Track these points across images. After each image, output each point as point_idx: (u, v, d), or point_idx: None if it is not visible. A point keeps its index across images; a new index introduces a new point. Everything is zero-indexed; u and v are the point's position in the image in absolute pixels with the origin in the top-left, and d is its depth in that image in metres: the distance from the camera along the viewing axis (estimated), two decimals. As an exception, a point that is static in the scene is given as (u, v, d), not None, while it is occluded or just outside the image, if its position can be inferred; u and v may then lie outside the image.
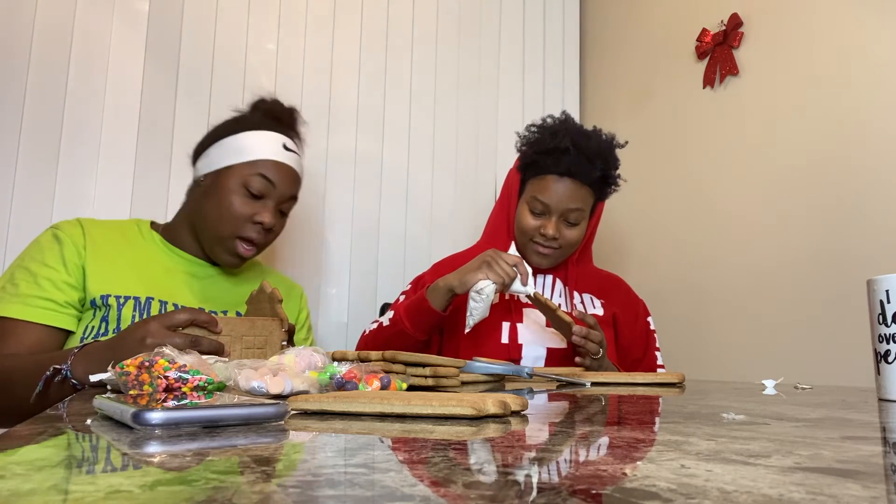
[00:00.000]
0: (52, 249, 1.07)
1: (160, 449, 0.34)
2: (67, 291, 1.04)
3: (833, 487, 0.25)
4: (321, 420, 0.45)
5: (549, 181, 1.33)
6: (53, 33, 1.50)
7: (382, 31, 1.91)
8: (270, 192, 1.18)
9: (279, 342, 0.91)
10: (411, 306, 1.25)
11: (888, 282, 0.70)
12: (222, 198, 1.16)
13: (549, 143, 1.32)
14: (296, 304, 1.36)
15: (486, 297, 1.18)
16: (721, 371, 1.68)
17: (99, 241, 1.12)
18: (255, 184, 1.16)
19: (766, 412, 0.54)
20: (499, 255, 1.21)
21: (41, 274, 1.04)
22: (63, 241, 1.08)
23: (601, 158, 1.33)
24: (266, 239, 1.20)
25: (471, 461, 0.31)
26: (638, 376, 0.94)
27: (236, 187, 1.16)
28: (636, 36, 2.08)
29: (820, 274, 1.49)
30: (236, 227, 1.16)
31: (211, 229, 1.17)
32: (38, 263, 1.05)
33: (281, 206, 1.21)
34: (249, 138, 1.19)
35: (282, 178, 1.19)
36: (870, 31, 1.44)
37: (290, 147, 1.23)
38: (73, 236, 1.09)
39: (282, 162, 1.20)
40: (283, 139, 1.23)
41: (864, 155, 1.43)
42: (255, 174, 1.16)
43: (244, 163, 1.17)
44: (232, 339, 0.87)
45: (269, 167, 1.18)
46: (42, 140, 1.47)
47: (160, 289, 1.13)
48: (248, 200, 1.16)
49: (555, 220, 1.34)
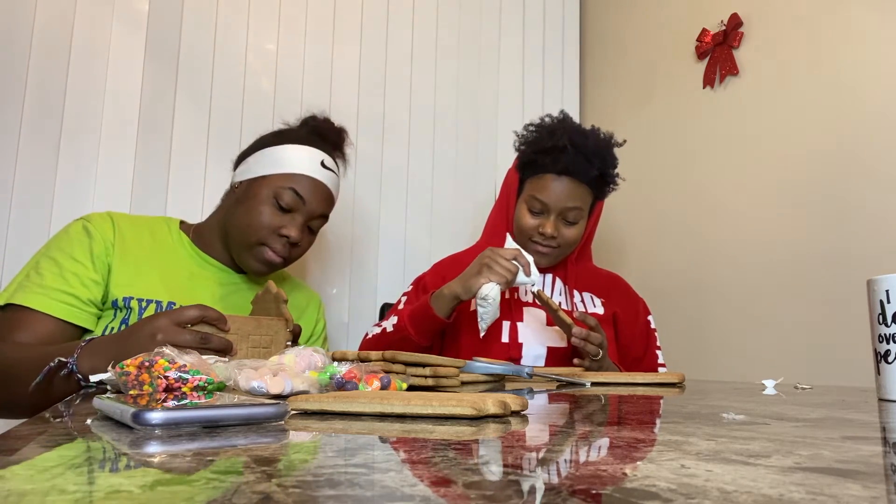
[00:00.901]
0: (83, 243, 1.05)
1: (160, 449, 0.34)
2: (92, 289, 1.03)
3: (833, 487, 0.25)
4: (321, 420, 0.45)
5: (548, 180, 1.33)
6: (53, 33, 1.50)
7: (382, 31, 1.91)
8: (300, 207, 1.17)
9: (284, 342, 0.92)
10: (415, 313, 1.25)
11: (888, 282, 0.70)
12: (252, 206, 1.16)
13: (547, 142, 1.32)
14: (313, 315, 1.35)
15: (493, 301, 1.18)
16: (721, 371, 1.68)
17: (128, 239, 1.11)
18: (285, 197, 1.16)
19: (766, 412, 0.54)
20: (496, 254, 1.21)
21: (68, 267, 1.02)
22: (93, 236, 1.06)
23: (599, 157, 1.33)
24: (291, 253, 1.20)
25: (471, 461, 0.31)
26: (638, 376, 0.94)
27: (267, 198, 1.16)
28: (636, 36, 2.07)
29: (820, 274, 1.49)
30: (262, 237, 1.15)
31: (238, 236, 1.17)
32: (66, 256, 1.03)
33: (310, 223, 1.21)
34: (287, 151, 1.19)
35: (313, 195, 1.18)
36: (870, 31, 1.44)
37: (328, 165, 1.22)
38: (104, 231, 1.08)
39: (316, 179, 1.19)
40: (323, 156, 1.22)
41: (864, 154, 1.43)
42: (287, 187, 1.16)
43: (278, 175, 1.17)
44: (239, 337, 0.87)
45: (302, 182, 1.17)
46: (42, 140, 1.47)
47: (183, 294, 1.12)
48: (277, 212, 1.16)
49: (553, 219, 1.34)
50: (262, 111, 1.72)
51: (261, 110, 1.72)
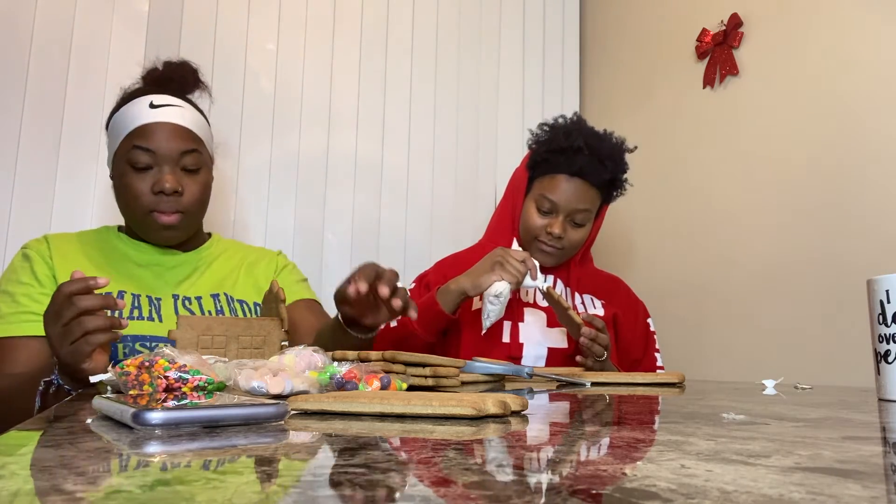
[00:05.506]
0: (24, 268, 1.09)
1: (160, 449, 0.34)
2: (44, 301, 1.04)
3: (833, 487, 0.25)
4: (321, 420, 0.45)
5: (560, 180, 1.33)
6: (53, 33, 1.50)
7: (382, 31, 1.91)
8: (154, 158, 1.09)
9: (278, 342, 0.91)
10: (421, 309, 1.24)
11: (888, 282, 0.70)
12: (120, 185, 1.11)
13: (563, 142, 1.33)
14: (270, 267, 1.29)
15: (503, 300, 1.19)
16: (721, 371, 1.68)
17: (64, 249, 1.13)
18: (135, 157, 1.08)
19: (766, 412, 0.54)
20: (508, 254, 1.21)
21: (18, 292, 1.06)
22: (32, 258, 1.10)
23: (612, 161, 1.34)
24: (182, 204, 1.11)
25: (471, 461, 0.31)
26: (638, 376, 0.94)
27: (126, 170, 1.10)
28: (636, 36, 2.07)
29: (820, 274, 1.49)
30: (142, 206, 1.10)
31: (130, 220, 1.14)
32: (14, 283, 1.07)
33: (180, 165, 1.11)
34: (118, 117, 1.12)
35: (158, 139, 1.09)
36: (870, 31, 1.44)
37: (159, 102, 1.11)
38: (40, 251, 1.11)
39: (150, 123, 1.09)
40: (150, 98, 1.11)
41: (864, 154, 1.43)
42: (130, 148, 1.08)
43: (120, 143, 1.11)
44: (227, 338, 0.87)
45: (139, 135, 1.09)
46: (42, 140, 1.47)
47: (131, 282, 1.12)
48: (140, 175, 1.09)
49: (562, 220, 1.34)
50: (262, 111, 1.72)
51: (261, 110, 1.72)
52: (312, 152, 1.79)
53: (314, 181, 1.78)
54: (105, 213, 1.51)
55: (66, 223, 1.46)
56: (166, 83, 1.18)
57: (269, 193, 1.73)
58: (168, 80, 1.18)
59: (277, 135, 1.74)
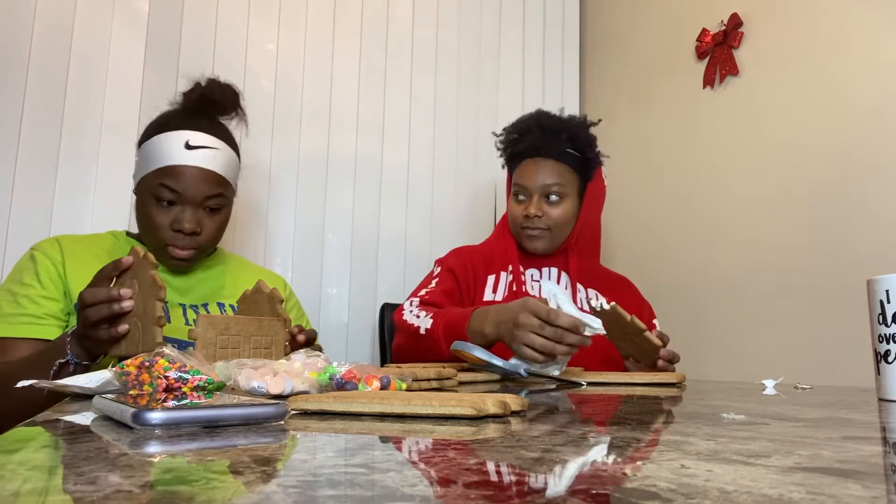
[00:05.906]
0: (29, 269, 1.10)
1: (160, 449, 0.34)
2: (45, 304, 1.07)
3: (833, 487, 0.25)
4: (321, 420, 0.45)
5: (525, 165, 1.40)
6: (53, 33, 1.49)
7: (382, 31, 1.91)
8: (179, 197, 1.11)
9: (283, 342, 0.92)
10: (450, 330, 1.17)
11: (888, 282, 0.70)
12: (142, 211, 1.13)
13: (517, 131, 1.42)
14: None
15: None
16: (721, 371, 1.68)
17: (78, 251, 1.14)
18: (161, 194, 1.10)
19: (766, 412, 0.54)
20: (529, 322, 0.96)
21: (20, 293, 1.07)
22: (38, 260, 1.11)
23: (566, 131, 1.38)
24: (198, 242, 1.14)
25: (471, 461, 0.31)
26: (637, 376, 0.94)
27: (149, 199, 1.11)
28: (636, 36, 2.08)
29: (820, 274, 1.49)
30: (161, 237, 1.12)
31: (147, 240, 1.16)
32: (18, 284, 1.09)
33: (204, 206, 1.13)
34: (153, 145, 1.12)
35: (186, 183, 1.10)
36: (870, 31, 1.44)
37: (196, 143, 1.12)
38: (50, 253, 1.12)
39: (182, 165, 1.10)
40: (187, 136, 1.12)
41: (863, 155, 1.43)
42: (158, 184, 1.10)
43: (150, 173, 1.12)
44: (242, 338, 0.88)
45: (169, 174, 1.10)
46: (42, 140, 1.47)
47: None
48: (163, 210, 1.11)
49: (536, 200, 1.38)
50: (263, 111, 1.72)
51: (261, 110, 1.72)
52: (312, 152, 1.79)
53: (314, 181, 1.78)
54: (105, 213, 1.51)
55: (66, 223, 1.46)
56: (207, 106, 1.18)
57: (269, 193, 1.73)
58: (210, 102, 1.18)
59: (277, 135, 1.74)
